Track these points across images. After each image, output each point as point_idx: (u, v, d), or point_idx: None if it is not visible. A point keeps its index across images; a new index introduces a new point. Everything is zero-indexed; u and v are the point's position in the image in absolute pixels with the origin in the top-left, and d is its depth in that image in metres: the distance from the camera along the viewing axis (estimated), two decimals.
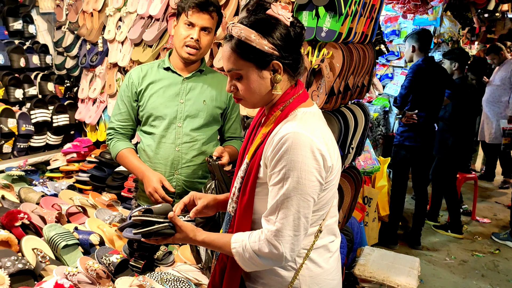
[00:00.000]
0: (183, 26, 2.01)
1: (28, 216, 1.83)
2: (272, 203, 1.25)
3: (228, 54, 1.30)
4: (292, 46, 1.28)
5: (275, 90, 1.30)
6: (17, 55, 3.16)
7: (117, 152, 2.12)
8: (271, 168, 1.25)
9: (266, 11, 1.28)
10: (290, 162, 1.21)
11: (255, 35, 1.25)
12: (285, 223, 1.22)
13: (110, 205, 2.36)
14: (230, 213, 1.41)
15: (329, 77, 2.11)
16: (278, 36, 1.25)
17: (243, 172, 1.36)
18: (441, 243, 4.36)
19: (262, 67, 1.27)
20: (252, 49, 1.26)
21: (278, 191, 1.23)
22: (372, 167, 3.52)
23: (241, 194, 1.35)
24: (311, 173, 1.22)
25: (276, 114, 1.32)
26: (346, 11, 2.09)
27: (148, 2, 2.89)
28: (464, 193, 5.40)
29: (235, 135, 2.27)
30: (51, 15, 3.57)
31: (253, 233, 1.28)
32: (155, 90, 2.08)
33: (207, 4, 1.98)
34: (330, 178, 1.29)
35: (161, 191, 1.97)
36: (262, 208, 1.33)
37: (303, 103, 1.33)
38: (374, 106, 5.05)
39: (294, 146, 1.21)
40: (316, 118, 1.33)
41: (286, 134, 1.22)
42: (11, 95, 3.05)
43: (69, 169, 2.94)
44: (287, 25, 1.27)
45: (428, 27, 4.99)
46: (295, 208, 1.22)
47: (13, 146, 2.97)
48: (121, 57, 3.05)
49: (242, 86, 1.31)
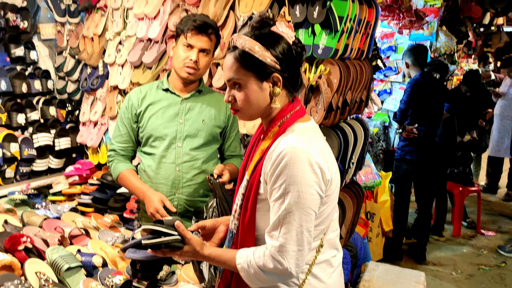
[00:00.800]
0: (182, 48, 2.04)
1: (31, 240, 1.83)
2: (274, 219, 1.25)
3: (231, 63, 1.32)
4: (293, 62, 1.31)
5: (274, 104, 1.32)
6: (19, 81, 3.20)
7: (118, 174, 2.13)
8: (271, 184, 1.26)
9: (271, 27, 1.32)
10: (289, 177, 1.22)
11: (259, 46, 1.28)
12: (288, 238, 1.22)
13: (112, 227, 2.36)
14: (233, 230, 1.42)
15: (327, 93, 2.13)
16: (280, 50, 1.29)
17: (244, 189, 1.37)
18: (446, 258, 4.32)
19: (263, 78, 1.30)
20: (254, 60, 1.29)
21: (279, 206, 1.24)
22: (373, 182, 3.52)
23: (242, 210, 1.36)
24: (311, 187, 1.23)
25: (274, 130, 1.34)
26: (342, 28, 2.13)
27: (147, 25, 2.95)
28: (468, 206, 5.37)
29: (235, 153, 2.28)
30: (52, 41, 3.63)
31: (258, 249, 1.28)
32: (155, 111, 2.11)
33: (206, 27, 2.02)
34: (329, 191, 1.30)
35: (163, 211, 1.97)
36: (264, 225, 1.33)
37: (300, 118, 1.35)
38: (374, 121, 5.07)
39: (292, 161, 1.22)
40: (314, 132, 1.34)
41: (284, 149, 1.24)
42: (13, 120, 3.08)
43: (71, 192, 2.94)
44: (289, 43, 1.30)
45: (424, 42, 5.05)
46: (298, 223, 1.22)
47: (15, 171, 2.99)
48: (121, 79, 3.09)
49: (241, 96, 1.33)
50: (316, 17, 2.13)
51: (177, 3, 2.80)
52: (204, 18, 2.05)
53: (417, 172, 4.05)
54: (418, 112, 3.98)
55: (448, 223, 5.14)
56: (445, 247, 4.57)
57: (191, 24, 2.00)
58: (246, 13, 2.47)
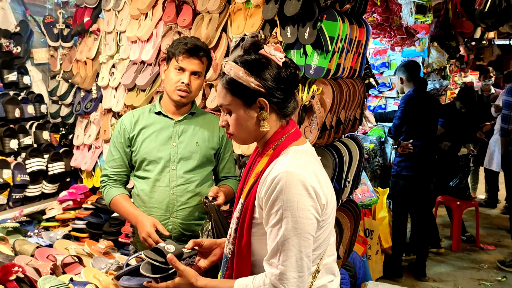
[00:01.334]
0: (174, 71, 2.04)
1: (23, 269, 1.79)
2: (273, 246, 1.23)
3: (220, 89, 1.35)
4: (282, 85, 1.31)
5: (262, 127, 1.32)
6: (12, 106, 3.19)
7: (111, 199, 2.10)
8: (267, 210, 1.25)
9: (259, 50, 1.33)
10: (286, 202, 1.20)
11: (243, 72, 1.29)
12: (288, 265, 1.21)
13: (106, 253, 2.32)
14: (227, 254, 1.40)
15: (320, 113, 2.13)
16: (266, 75, 1.29)
17: (239, 213, 1.36)
18: (447, 274, 4.28)
19: (249, 103, 1.31)
20: (240, 85, 1.30)
21: (277, 233, 1.22)
22: (370, 200, 3.50)
23: (238, 235, 1.34)
24: (308, 211, 1.21)
25: (269, 153, 1.33)
26: (333, 48, 2.14)
27: (140, 48, 2.96)
28: (466, 220, 5.35)
29: (229, 174, 2.27)
30: (45, 65, 3.63)
31: (257, 278, 1.26)
32: (148, 135, 2.10)
33: (197, 50, 2.02)
34: (325, 216, 1.28)
35: (155, 235, 1.93)
36: (259, 249, 1.31)
37: (295, 141, 1.35)
38: (370, 137, 5.07)
39: (288, 186, 1.21)
40: (308, 156, 1.34)
41: (278, 173, 1.23)
42: (6, 146, 3.06)
43: (65, 217, 2.90)
44: (279, 65, 1.30)
45: (416, 58, 5.10)
46: (296, 249, 1.21)
47: (8, 197, 2.95)
48: (115, 102, 3.09)
49: (232, 121, 1.35)
50: (307, 37, 2.14)
51: (169, 26, 2.82)
52: (195, 41, 2.06)
53: (414, 187, 4.04)
54: (413, 128, 3.99)
55: (447, 238, 5.11)
56: (445, 262, 4.53)
57: (182, 48, 2.01)
58: (238, 35, 2.49)
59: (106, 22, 3.17)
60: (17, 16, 3.56)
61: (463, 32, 5.09)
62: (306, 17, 2.15)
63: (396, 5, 3.82)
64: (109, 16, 3.15)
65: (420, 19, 4.87)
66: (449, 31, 5.03)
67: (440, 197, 5.05)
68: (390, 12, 3.74)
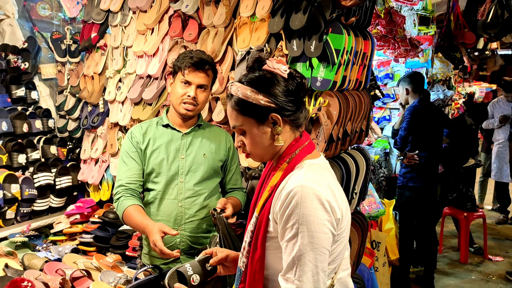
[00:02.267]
0: (180, 85, 2.06)
1: (32, 284, 1.80)
2: (289, 261, 1.23)
3: (230, 112, 1.36)
4: (290, 97, 1.31)
5: (277, 142, 1.32)
6: (20, 121, 3.22)
7: (123, 210, 1.99)
8: (283, 224, 1.24)
9: (263, 66, 1.33)
10: (301, 217, 1.20)
11: (250, 91, 1.30)
12: (305, 280, 1.20)
13: (114, 267, 2.32)
14: (241, 268, 1.39)
15: (327, 125, 2.14)
16: (274, 90, 1.30)
17: (253, 226, 1.35)
18: (455, 286, 4.24)
19: (262, 121, 1.31)
20: (249, 105, 1.30)
21: (292, 247, 1.22)
22: (377, 211, 3.48)
23: (252, 248, 1.34)
24: (324, 225, 1.21)
25: (283, 166, 1.33)
26: (339, 60, 2.15)
27: (147, 62, 2.99)
28: (473, 231, 5.31)
29: (236, 186, 2.27)
30: (53, 80, 3.67)
31: None
32: (156, 147, 2.11)
33: (203, 63, 2.04)
34: (340, 230, 1.28)
35: (160, 243, 1.78)
36: (273, 263, 1.31)
37: (309, 154, 1.35)
38: (375, 148, 5.07)
39: (303, 200, 1.20)
40: (323, 170, 1.33)
41: (293, 188, 1.23)
42: (14, 161, 3.08)
43: (72, 231, 2.91)
44: (285, 78, 1.31)
45: (420, 69, 5.11)
46: (313, 263, 1.20)
47: (16, 212, 2.96)
48: (121, 116, 3.11)
49: (247, 141, 1.35)
50: (313, 50, 2.16)
51: (175, 40, 2.85)
52: (201, 54, 2.08)
53: (420, 198, 4.02)
54: (418, 139, 3.99)
55: (455, 250, 5.07)
56: (453, 274, 4.49)
57: (188, 61, 2.03)
58: (243, 48, 2.51)
59: (113, 37, 3.21)
60: (24, 33, 3.62)
61: (465, 43, 5.11)
62: (312, 30, 2.17)
63: (400, 17, 3.85)
64: (116, 31, 3.19)
65: (424, 31, 4.89)
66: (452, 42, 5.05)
67: (447, 208, 5.02)
68: (394, 24, 3.77)
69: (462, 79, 8.07)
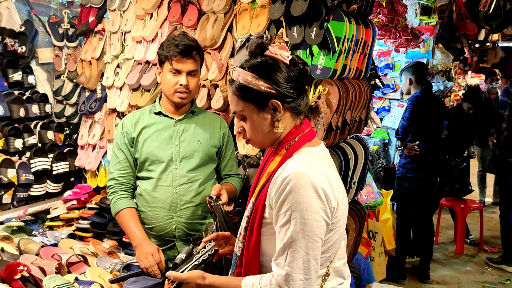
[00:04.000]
0: (169, 74, 2.04)
1: (28, 268, 1.79)
2: (280, 246, 1.23)
3: (231, 97, 1.35)
4: (292, 84, 1.30)
5: (277, 128, 1.31)
6: (16, 105, 3.19)
7: (117, 211, 2.08)
8: (277, 210, 1.24)
9: (264, 52, 1.32)
10: (295, 203, 1.20)
11: (251, 76, 1.28)
12: (295, 267, 1.20)
13: (111, 253, 2.32)
14: (237, 253, 1.40)
15: (326, 113, 2.12)
16: (275, 76, 1.28)
17: (249, 212, 1.36)
18: (450, 276, 4.27)
19: (262, 106, 1.30)
20: (250, 90, 1.29)
21: (285, 233, 1.22)
22: (375, 201, 3.49)
23: (248, 233, 1.34)
24: (317, 213, 1.20)
25: (282, 153, 1.33)
26: (339, 48, 2.13)
27: (145, 48, 2.95)
28: (470, 223, 5.33)
29: (231, 173, 2.27)
30: (50, 65, 3.63)
31: (264, 277, 1.26)
32: (149, 135, 2.10)
33: (189, 50, 2.01)
34: (335, 219, 1.28)
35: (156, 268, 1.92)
36: (268, 249, 1.31)
37: (309, 142, 1.34)
38: (373, 139, 5.07)
39: (298, 187, 1.20)
40: (321, 158, 1.32)
41: (289, 174, 1.22)
42: (10, 145, 3.06)
43: (69, 217, 2.90)
44: (287, 64, 1.30)
45: (421, 59, 5.08)
46: (304, 250, 1.20)
47: (12, 196, 2.95)
48: (119, 102, 3.09)
49: (248, 126, 1.35)
50: (314, 38, 2.13)
51: (174, 26, 2.82)
52: (185, 40, 2.04)
53: (419, 189, 4.03)
54: (419, 129, 3.98)
55: (451, 241, 5.10)
56: (449, 265, 4.51)
57: (174, 50, 1.99)
58: (243, 35, 2.48)
59: (111, 22, 3.17)
60: (22, 16, 3.56)
61: (466, 34, 5.07)
62: (312, 17, 2.14)
63: (402, 6, 3.81)
64: (114, 16, 3.15)
65: (425, 21, 4.85)
66: (453, 33, 5.01)
67: (444, 199, 5.03)
68: (396, 13, 3.73)
69: (462, 71, 8.04)
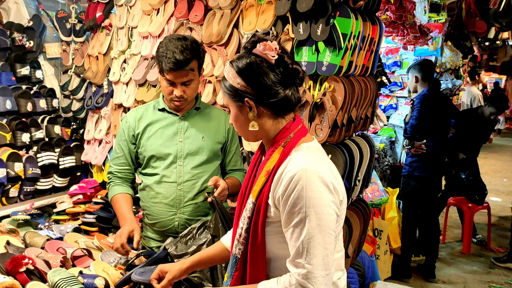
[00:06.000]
0: (165, 82, 2.00)
1: (33, 261, 1.80)
2: (297, 245, 1.21)
3: (221, 90, 1.37)
4: (274, 85, 1.27)
5: (252, 127, 1.31)
6: (24, 99, 3.21)
7: (112, 197, 2.13)
8: (288, 209, 1.22)
9: (252, 50, 1.30)
10: (308, 200, 1.19)
11: (232, 73, 1.30)
12: (315, 263, 1.19)
13: None
14: (237, 255, 1.36)
15: (331, 110, 2.11)
16: (255, 75, 1.27)
17: (250, 212, 1.32)
18: (456, 275, 4.24)
19: (240, 103, 1.31)
20: (230, 86, 1.31)
21: (300, 232, 1.20)
22: (380, 199, 3.47)
23: (251, 235, 1.32)
24: (330, 207, 1.21)
25: (279, 150, 1.31)
26: (346, 45, 2.11)
27: (152, 43, 2.96)
28: (477, 222, 5.29)
29: (235, 168, 2.27)
30: (57, 60, 3.66)
31: (281, 279, 1.24)
32: (153, 132, 2.09)
33: (182, 64, 1.92)
34: (341, 212, 1.29)
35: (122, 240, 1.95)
36: (273, 248, 1.30)
37: (303, 137, 1.33)
38: (380, 137, 5.04)
39: (308, 183, 1.20)
40: (321, 153, 1.33)
41: (296, 172, 1.21)
42: (18, 139, 3.09)
43: (75, 211, 2.92)
44: (271, 64, 1.27)
45: (429, 57, 5.03)
46: (322, 246, 1.20)
47: (19, 190, 2.98)
48: (125, 97, 3.10)
49: (232, 119, 1.37)
50: (320, 34, 2.12)
51: (181, 22, 2.82)
52: (178, 53, 1.91)
53: (425, 188, 4.00)
54: (427, 128, 3.94)
55: (458, 240, 5.06)
56: (455, 264, 4.49)
57: (166, 64, 1.92)
58: (250, 31, 2.47)
59: (118, 17, 3.18)
60: (30, 11, 3.59)
61: (476, 32, 5.02)
62: (319, 13, 2.13)
63: (410, 3, 3.77)
64: (121, 11, 3.16)
65: (434, 18, 4.81)
66: (462, 30, 4.96)
67: (451, 198, 4.99)
68: (404, 10, 3.70)
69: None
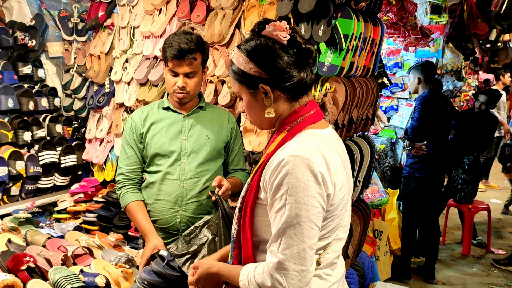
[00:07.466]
0: (169, 74, 2.05)
1: (34, 259, 1.82)
2: (274, 232, 1.16)
3: (230, 77, 1.32)
4: (288, 67, 1.22)
5: (268, 114, 1.26)
6: (26, 98, 3.22)
7: (126, 205, 2.12)
8: (272, 194, 1.17)
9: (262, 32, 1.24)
10: (291, 187, 1.13)
11: (243, 58, 1.25)
12: (288, 255, 1.13)
13: (116, 246, 2.34)
14: (233, 235, 1.36)
15: (332, 111, 2.12)
16: (267, 59, 1.21)
17: (244, 192, 1.31)
18: (456, 277, 4.24)
19: (253, 89, 1.26)
20: (242, 72, 1.26)
21: (280, 219, 1.14)
22: (380, 200, 3.48)
23: (242, 214, 1.29)
24: (314, 198, 1.13)
25: (282, 134, 1.26)
26: (347, 46, 2.12)
27: (154, 43, 2.97)
28: (477, 224, 5.29)
29: (238, 167, 2.28)
30: (59, 59, 3.66)
31: (260, 265, 1.21)
32: (158, 130, 2.11)
33: (184, 53, 1.96)
34: (331, 207, 1.20)
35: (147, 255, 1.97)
36: (261, 231, 1.28)
37: (313, 124, 1.26)
38: (381, 138, 5.05)
39: (295, 170, 1.13)
40: (324, 141, 1.23)
41: (285, 157, 1.15)
42: (19, 138, 3.09)
43: (76, 209, 2.93)
44: (284, 45, 1.22)
45: (430, 59, 5.04)
46: (299, 238, 1.12)
47: (21, 188, 2.98)
48: (127, 97, 3.10)
49: (244, 107, 1.33)
50: (321, 35, 2.13)
51: (183, 22, 2.82)
52: (181, 43, 1.97)
53: (426, 189, 4.00)
54: (428, 129, 3.95)
55: (458, 242, 5.07)
56: (455, 266, 4.49)
57: (170, 52, 1.97)
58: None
59: (120, 17, 3.19)
60: (32, 10, 3.60)
61: (477, 34, 5.02)
62: (320, 14, 2.14)
63: (412, 5, 3.78)
64: (124, 11, 3.17)
65: (435, 20, 4.81)
66: (464, 32, 4.96)
67: (451, 200, 5.00)
68: (405, 12, 3.71)
69: (473, 71, 7.97)
